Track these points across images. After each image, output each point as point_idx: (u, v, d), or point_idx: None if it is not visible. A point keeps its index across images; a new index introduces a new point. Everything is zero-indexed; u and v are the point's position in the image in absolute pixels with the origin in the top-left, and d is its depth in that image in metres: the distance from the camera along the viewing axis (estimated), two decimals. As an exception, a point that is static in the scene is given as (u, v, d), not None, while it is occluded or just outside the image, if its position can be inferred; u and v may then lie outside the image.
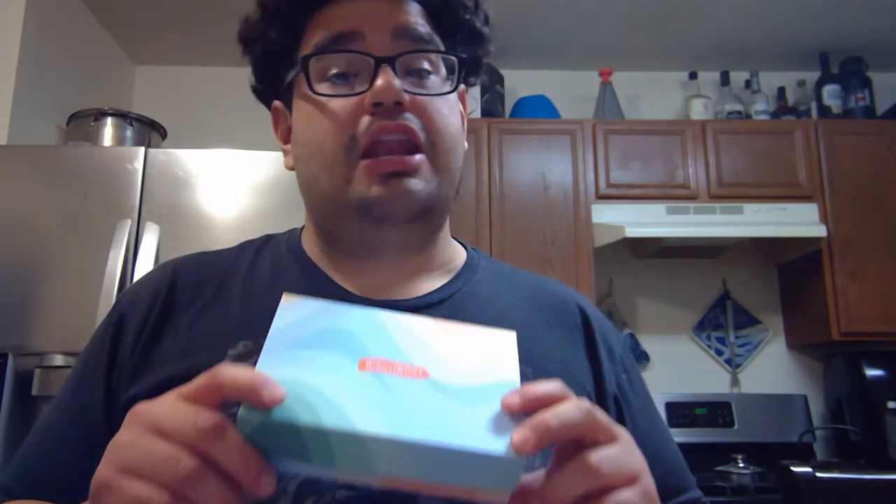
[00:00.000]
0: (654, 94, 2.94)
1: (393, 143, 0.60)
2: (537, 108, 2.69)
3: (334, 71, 0.62)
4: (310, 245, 0.70)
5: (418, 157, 0.61)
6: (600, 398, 0.66)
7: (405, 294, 0.65)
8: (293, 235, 0.72)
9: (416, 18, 0.64)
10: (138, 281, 0.70)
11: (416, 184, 0.60)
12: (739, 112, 2.71)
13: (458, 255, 0.72)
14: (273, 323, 0.44)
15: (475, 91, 2.62)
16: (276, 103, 0.71)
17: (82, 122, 2.21)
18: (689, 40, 2.76)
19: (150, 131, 2.29)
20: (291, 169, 0.69)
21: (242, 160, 1.90)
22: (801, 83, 2.82)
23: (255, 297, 0.64)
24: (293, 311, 0.45)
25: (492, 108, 2.68)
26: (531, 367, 0.62)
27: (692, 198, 2.48)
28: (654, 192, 2.48)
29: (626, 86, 2.84)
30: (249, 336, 0.60)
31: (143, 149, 1.89)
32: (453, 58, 0.65)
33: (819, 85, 2.75)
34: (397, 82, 0.59)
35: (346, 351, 0.42)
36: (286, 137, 0.70)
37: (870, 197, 2.47)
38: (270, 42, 0.67)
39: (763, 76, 2.81)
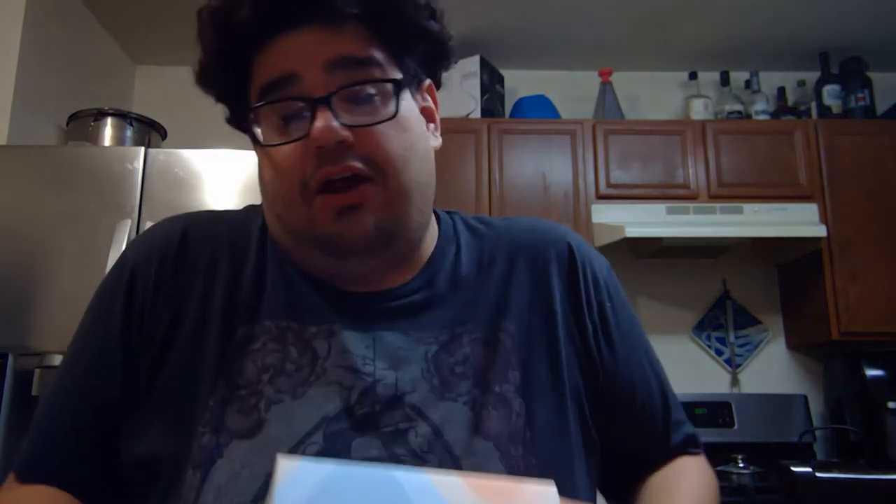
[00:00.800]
0: (654, 94, 2.94)
1: (341, 182, 0.60)
2: (537, 108, 2.69)
3: (280, 115, 0.62)
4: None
5: (366, 187, 0.60)
6: (581, 331, 0.68)
7: (392, 283, 0.66)
8: None
9: (351, 43, 0.61)
10: (144, 235, 0.70)
11: (366, 214, 0.61)
12: (739, 112, 2.71)
13: (434, 239, 0.72)
14: None
15: (475, 91, 2.62)
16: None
17: (82, 122, 2.21)
18: (689, 40, 2.76)
19: (150, 131, 2.28)
20: None
21: (242, 160, 1.90)
22: (801, 83, 2.82)
23: (262, 277, 0.66)
24: (293, 489, 0.37)
25: (492, 108, 2.68)
26: (513, 323, 0.65)
27: (692, 198, 2.48)
28: (654, 192, 2.48)
29: (626, 86, 2.84)
30: (255, 318, 0.63)
31: (143, 149, 1.89)
32: (391, 80, 0.63)
33: (819, 85, 2.75)
34: (335, 122, 0.59)
35: None
36: None
37: (870, 197, 2.46)
38: (224, 84, 0.66)
39: (763, 76, 2.81)
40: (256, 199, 0.70)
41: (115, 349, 0.63)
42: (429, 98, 0.70)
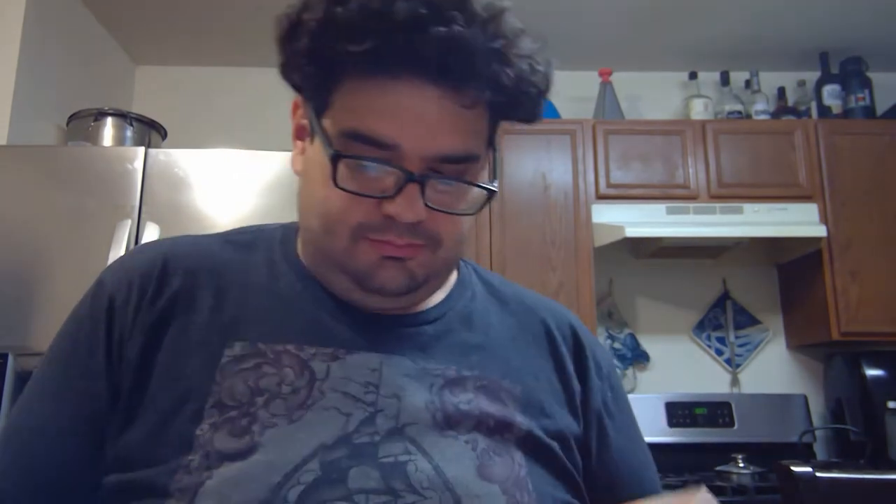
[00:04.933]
0: (654, 94, 2.94)
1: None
2: (537, 108, 2.68)
3: (363, 157, 0.58)
4: (306, 254, 0.68)
5: (417, 249, 0.60)
6: (585, 413, 0.68)
7: (401, 310, 0.66)
8: (287, 237, 0.70)
9: (463, 137, 0.58)
10: (121, 262, 0.67)
11: (406, 269, 0.61)
12: (739, 112, 2.71)
13: (452, 272, 0.73)
14: None
15: (475, 91, 2.62)
16: (299, 99, 0.65)
17: (82, 122, 2.21)
18: (689, 40, 2.76)
19: (150, 131, 2.29)
20: (298, 173, 0.66)
21: (242, 160, 1.90)
22: (801, 83, 2.82)
23: (250, 299, 0.64)
24: None
25: (492, 108, 2.67)
26: (518, 385, 0.65)
27: (692, 198, 2.48)
28: (654, 192, 2.48)
29: (626, 86, 2.84)
30: (245, 337, 0.61)
31: (143, 149, 1.89)
32: (488, 190, 0.61)
33: (819, 85, 2.75)
34: (421, 203, 0.57)
35: None
36: (300, 133, 0.66)
37: (870, 197, 2.46)
38: (303, 73, 0.60)
39: (763, 76, 2.81)
40: (256, 199, 0.69)
41: (101, 386, 0.60)
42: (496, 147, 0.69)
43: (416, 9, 0.53)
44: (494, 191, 0.61)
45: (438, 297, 0.69)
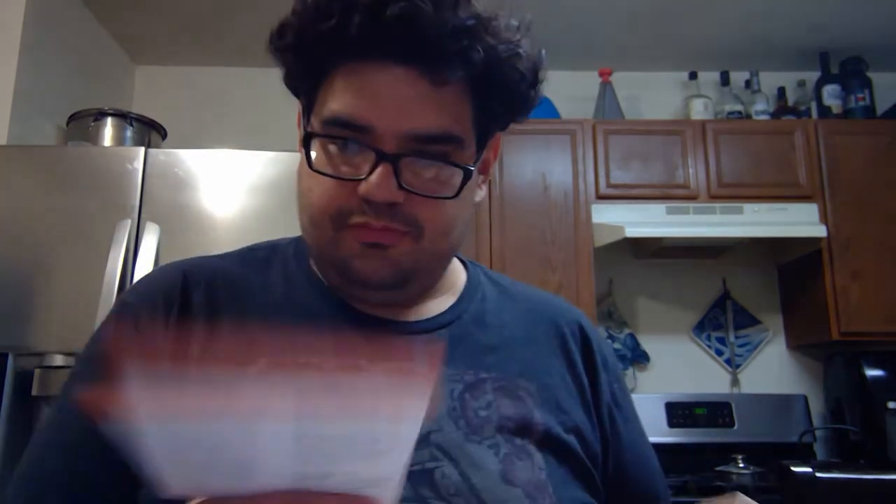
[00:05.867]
0: (654, 94, 2.94)
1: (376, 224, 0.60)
2: (537, 108, 2.68)
3: (339, 141, 0.59)
4: (312, 259, 0.69)
5: (399, 235, 0.60)
6: (596, 407, 0.69)
7: (415, 315, 0.67)
8: (300, 250, 0.71)
9: (438, 116, 0.58)
10: (144, 281, 0.69)
11: (389, 257, 0.60)
12: (739, 112, 2.71)
13: (461, 275, 0.74)
14: None
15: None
16: (299, 109, 0.67)
17: (82, 122, 2.21)
18: (689, 40, 2.76)
19: (150, 131, 2.28)
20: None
21: (242, 160, 1.90)
22: (801, 83, 2.82)
23: (270, 315, 0.65)
24: None
25: (492, 108, 2.67)
26: (534, 382, 0.66)
27: (692, 198, 2.48)
28: (654, 192, 2.48)
29: (626, 86, 2.84)
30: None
31: (143, 149, 1.89)
32: (464, 169, 0.60)
33: (819, 85, 2.75)
34: (393, 182, 0.57)
35: None
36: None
37: (870, 197, 2.46)
38: (294, 72, 0.63)
39: (763, 76, 2.81)
40: (256, 199, 0.69)
41: None
42: (491, 149, 0.68)
43: None
44: (471, 170, 0.60)
45: (449, 300, 0.70)
